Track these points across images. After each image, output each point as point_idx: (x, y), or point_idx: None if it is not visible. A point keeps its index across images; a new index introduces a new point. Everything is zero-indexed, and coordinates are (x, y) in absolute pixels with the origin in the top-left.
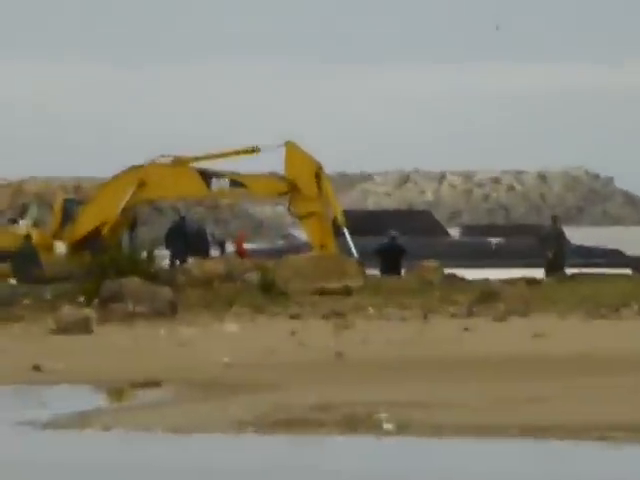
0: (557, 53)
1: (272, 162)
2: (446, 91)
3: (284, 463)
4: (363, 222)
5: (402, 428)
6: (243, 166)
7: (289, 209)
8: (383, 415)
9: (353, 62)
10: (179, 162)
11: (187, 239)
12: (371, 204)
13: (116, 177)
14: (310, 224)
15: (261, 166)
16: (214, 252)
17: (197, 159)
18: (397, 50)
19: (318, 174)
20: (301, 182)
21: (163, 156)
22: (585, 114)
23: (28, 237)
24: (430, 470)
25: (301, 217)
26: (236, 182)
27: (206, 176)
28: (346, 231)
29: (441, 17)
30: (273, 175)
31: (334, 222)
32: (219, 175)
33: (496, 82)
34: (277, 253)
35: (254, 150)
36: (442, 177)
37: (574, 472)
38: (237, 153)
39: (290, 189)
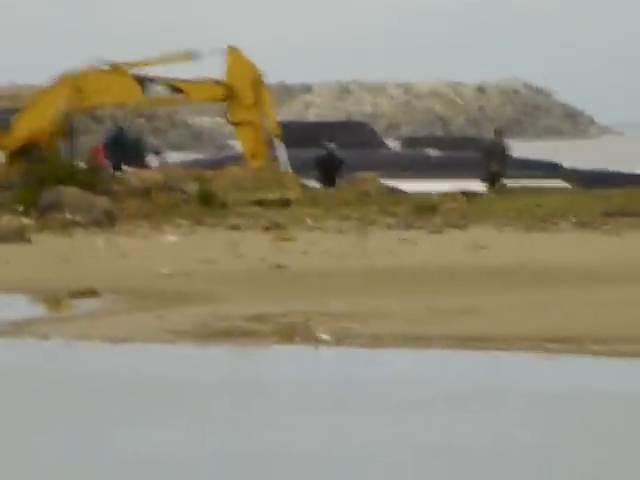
0: None
1: (212, 70)
2: (385, 4)
3: (218, 373)
4: (301, 133)
5: (338, 338)
6: (183, 74)
7: (226, 116)
8: (320, 325)
9: None
10: (115, 68)
11: (125, 149)
12: (311, 115)
13: (51, 83)
14: (244, 132)
15: (202, 73)
16: (152, 162)
17: (134, 65)
18: None
19: (257, 82)
20: (240, 89)
21: (99, 62)
22: (525, 28)
23: None
24: (366, 379)
25: (236, 124)
26: (174, 88)
27: (143, 82)
28: (279, 143)
29: None
30: (211, 80)
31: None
32: (156, 81)
33: None
34: (216, 164)
35: (191, 55)
36: (381, 88)
37: (508, 382)
38: (173, 59)
39: (228, 95)
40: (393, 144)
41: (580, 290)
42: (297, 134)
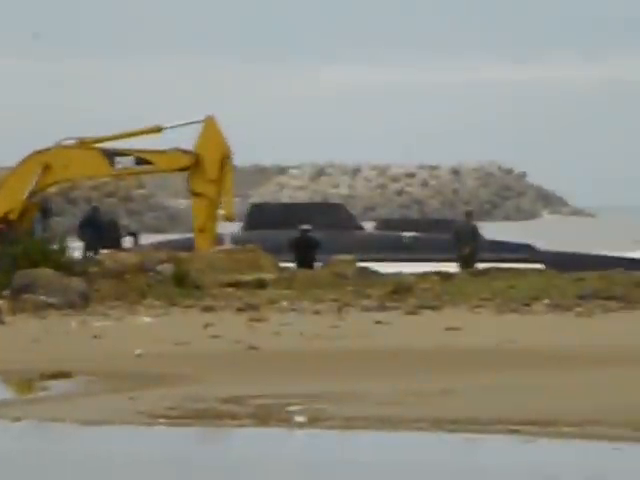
0: (471, 49)
1: (185, 142)
2: (360, 86)
3: (194, 455)
4: (277, 214)
5: (313, 421)
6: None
7: (187, 184)
8: (295, 408)
9: (270, 59)
10: (83, 143)
11: (99, 230)
12: (286, 197)
13: (21, 162)
14: (199, 204)
15: (174, 145)
16: (127, 244)
17: (101, 140)
18: (309, 45)
19: (225, 160)
20: (207, 160)
21: (67, 139)
22: (498, 110)
23: None
24: (341, 462)
25: (194, 194)
26: (141, 159)
27: (111, 155)
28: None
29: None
30: (178, 150)
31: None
32: (124, 154)
33: (410, 77)
34: (191, 244)
35: (158, 129)
36: (357, 171)
37: (481, 464)
38: (141, 133)
39: (193, 163)
40: (368, 226)
41: (554, 373)
42: (272, 215)
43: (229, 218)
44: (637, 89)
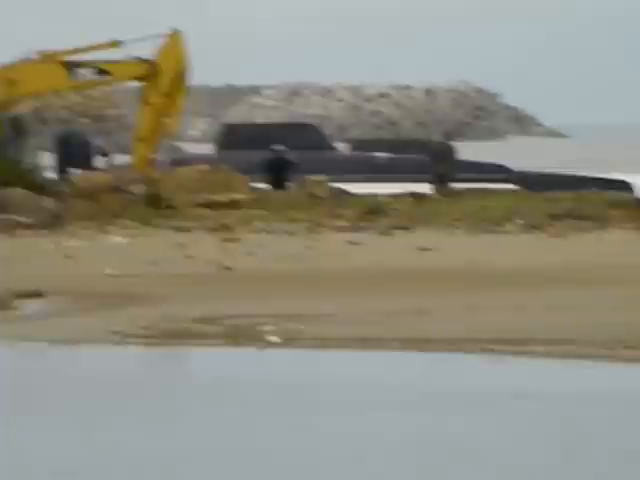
0: None
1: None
2: (335, 7)
3: (166, 374)
4: (250, 135)
5: (286, 340)
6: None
7: (141, 92)
8: (268, 327)
9: None
10: (46, 57)
11: (72, 150)
12: (259, 117)
13: None
14: (147, 113)
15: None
16: (99, 164)
17: (62, 53)
18: None
19: (182, 76)
20: (164, 72)
21: (29, 53)
22: (472, 32)
23: None
24: (313, 381)
25: (145, 103)
26: (100, 70)
27: (71, 68)
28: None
29: None
30: (136, 58)
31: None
32: (84, 65)
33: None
34: (164, 165)
35: (118, 43)
36: (330, 91)
37: (453, 383)
38: (100, 47)
39: (151, 73)
40: (342, 147)
41: (527, 292)
42: (245, 136)
43: (172, 134)
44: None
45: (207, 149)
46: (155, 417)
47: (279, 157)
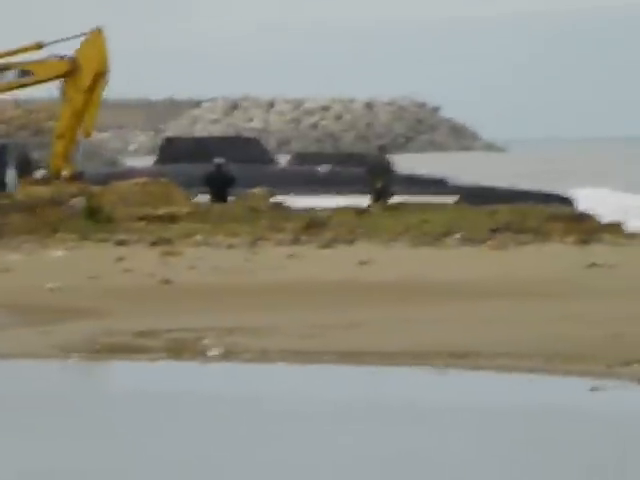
0: None
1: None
2: (277, 21)
3: (106, 388)
4: (190, 148)
5: (227, 353)
6: None
7: (62, 89)
8: (208, 340)
9: None
10: None
11: (9, 163)
12: (199, 131)
13: None
14: (66, 110)
15: None
16: (38, 175)
17: None
18: None
19: (101, 75)
20: (84, 68)
21: None
22: (414, 46)
23: None
24: (253, 393)
25: (64, 99)
26: (24, 71)
27: None
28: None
29: None
30: (56, 56)
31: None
32: (5, 68)
33: (326, 13)
34: (104, 178)
35: (38, 46)
36: (271, 104)
37: (390, 395)
38: (22, 50)
39: (72, 70)
40: (283, 160)
41: (465, 305)
42: (185, 149)
43: (87, 133)
44: (545, 21)
45: (148, 162)
46: (90, 431)
47: (219, 170)
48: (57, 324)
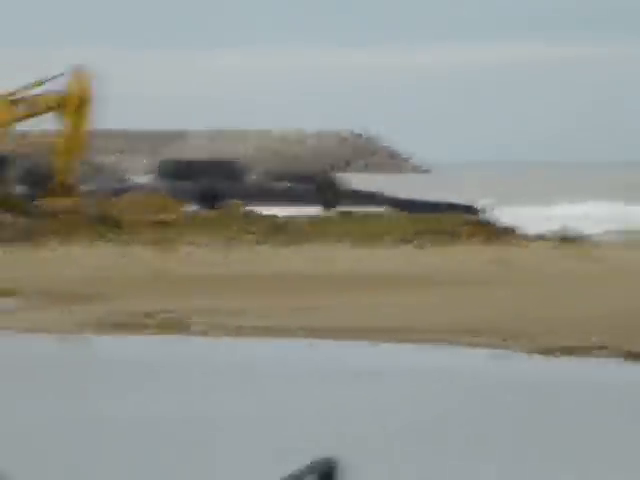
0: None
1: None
2: (234, 65)
3: (116, 356)
4: (182, 169)
5: (208, 329)
6: None
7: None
8: (193, 319)
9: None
10: None
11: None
12: (188, 155)
13: None
14: (62, 134)
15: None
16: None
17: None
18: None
19: (85, 100)
20: (74, 100)
21: None
22: (362, 84)
23: None
24: (229, 362)
25: (60, 124)
26: (29, 104)
27: (15, 104)
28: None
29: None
30: (50, 92)
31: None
32: (15, 102)
33: (273, 59)
34: (114, 192)
35: (41, 82)
36: (244, 135)
37: (342, 362)
38: (32, 86)
39: (64, 101)
40: (253, 178)
41: (397, 292)
42: (178, 169)
43: (80, 156)
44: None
45: (149, 179)
46: (92, 388)
47: (208, 187)
48: (74, 306)
